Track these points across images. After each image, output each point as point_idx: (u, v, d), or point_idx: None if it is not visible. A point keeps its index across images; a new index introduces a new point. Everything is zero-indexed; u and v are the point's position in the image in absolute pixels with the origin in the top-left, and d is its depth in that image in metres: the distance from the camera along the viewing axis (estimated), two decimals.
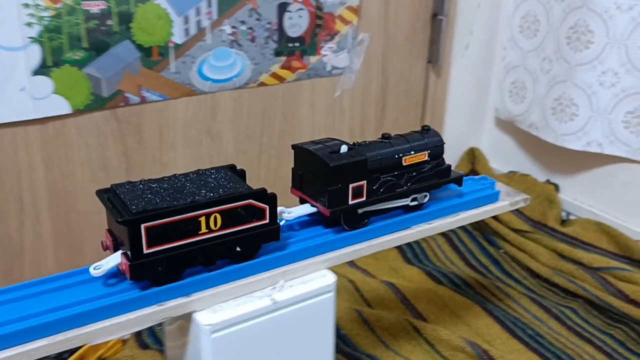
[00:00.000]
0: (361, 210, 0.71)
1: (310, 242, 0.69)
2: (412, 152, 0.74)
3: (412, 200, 0.75)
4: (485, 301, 1.09)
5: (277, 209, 0.64)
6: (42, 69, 0.91)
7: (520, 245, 1.24)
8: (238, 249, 0.62)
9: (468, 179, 0.86)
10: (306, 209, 0.71)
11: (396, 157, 0.72)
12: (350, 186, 0.68)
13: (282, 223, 0.66)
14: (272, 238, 0.64)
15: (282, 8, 1.10)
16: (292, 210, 0.70)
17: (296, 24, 1.13)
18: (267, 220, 0.63)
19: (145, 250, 0.57)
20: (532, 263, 1.19)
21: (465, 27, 1.42)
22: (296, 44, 1.14)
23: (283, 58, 1.14)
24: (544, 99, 1.33)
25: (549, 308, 1.07)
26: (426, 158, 0.75)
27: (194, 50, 1.04)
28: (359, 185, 0.69)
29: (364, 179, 0.69)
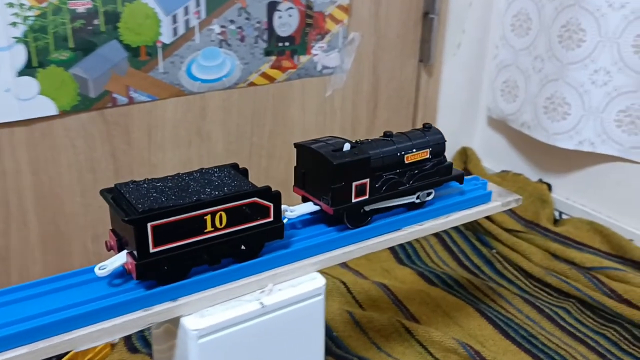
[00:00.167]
0: (368, 207, 0.71)
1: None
2: (414, 150, 0.74)
3: (417, 198, 0.75)
4: (478, 302, 1.09)
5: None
6: (28, 69, 0.89)
7: (513, 245, 1.24)
8: (243, 247, 0.62)
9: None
10: (309, 207, 0.71)
11: (398, 155, 0.73)
12: (354, 184, 0.68)
13: (284, 221, 0.66)
14: (276, 236, 0.64)
15: (272, 7, 1.09)
16: (295, 209, 0.70)
17: (286, 23, 1.12)
18: (271, 218, 0.63)
19: (152, 250, 0.56)
20: (525, 263, 1.19)
21: (457, 26, 1.41)
22: (286, 44, 1.13)
23: (273, 58, 1.13)
24: (536, 97, 1.32)
25: (541, 308, 1.06)
26: (428, 156, 0.75)
27: (183, 50, 1.03)
28: (362, 183, 0.69)
29: (366, 177, 0.69)
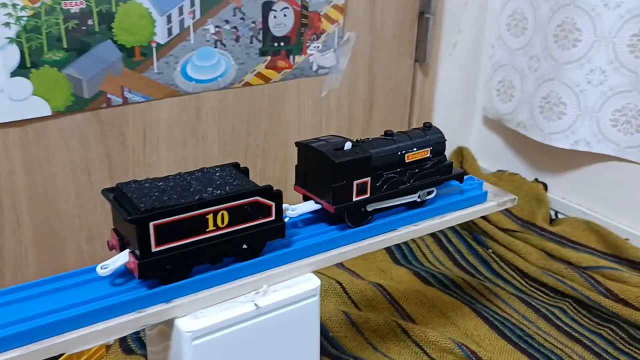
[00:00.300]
0: (370, 207, 0.71)
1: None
2: (415, 149, 0.74)
3: (418, 197, 0.76)
4: (474, 302, 1.09)
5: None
6: (21, 70, 0.89)
7: (509, 245, 1.23)
8: (244, 246, 0.62)
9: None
10: (310, 206, 0.71)
11: (399, 153, 0.73)
12: (355, 183, 0.68)
13: (286, 220, 0.66)
14: (277, 235, 0.65)
15: (267, 7, 1.09)
16: (296, 208, 0.70)
17: (281, 23, 1.11)
18: (273, 217, 0.63)
19: (154, 249, 0.57)
20: (521, 263, 1.19)
21: (453, 26, 1.41)
22: (281, 44, 1.13)
23: (268, 58, 1.12)
24: (532, 97, 1.32)
25: (537, 308, 1.06)
26: (428, 155, 0.76)
27: (177, 50, 1.02)
28: (363, 182, 0.69)
29: (368, 175, 0.69)
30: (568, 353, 0.96)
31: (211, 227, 0.59)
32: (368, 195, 0.70)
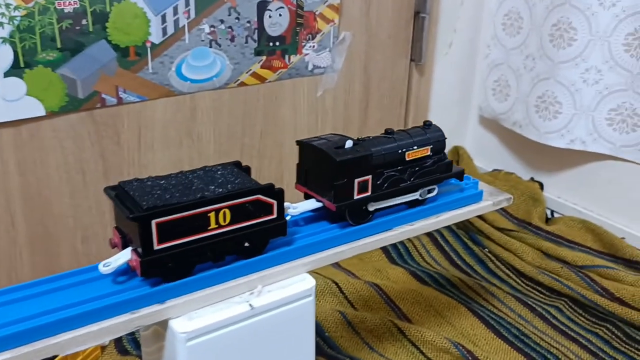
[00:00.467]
0: (372, 207, 0.71)
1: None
2: (415, 147, 0.75)
3: (419, 195, 0.76)
4: (470, 301, 1.09)
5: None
6: (14, 70, 0.88)
7: (505, 244, 1.23)
8: (246, 244, 0.63)
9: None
10: (311, 204, 0.71)
11: (399, 152, 0.73)
12: (356, 181, 0.69)
13: (287, 218, 0.66)
14: (279, 233, 0.65)
15: (262, 6, 1.08)
16: (298, 206, 0.70)
17: (276, 22, 1.11)
18: (274, 215, 0.63)
19: (156, 247, 0.57)
20: (517, 262, 1.19)
21: (449, 25, 1.41)
22: (277, 43, 1.13)
23: (263, 57, 1.12)
24: (528, 96, 1.32)
25: (534, 307, 1.06)
26: (429, 153, 0.76)
27: (172, 50, 1.02)
28: (364, 180, 0.69)
29: (368, 173, 0.70)
30: (564, 352, 0.96)
31: (213, 225, 0.60)
32: (369, 194, 0.71)
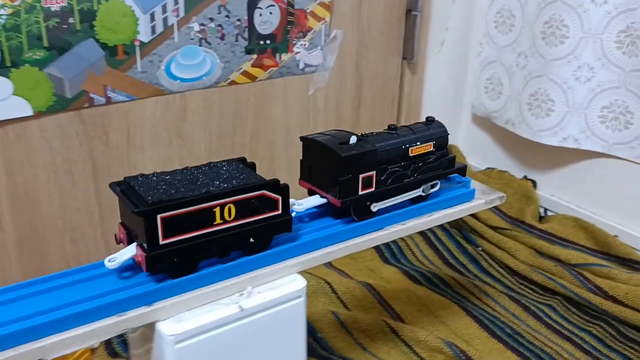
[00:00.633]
0: (375, 208, 0.72)
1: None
2: (418, 143, 0.75)
3: (422, 191, 0.76)
4: (464, 300, 1.08)
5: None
6: (1, 69, 0.87)
7: (499, 243, 1.23)
8: (252, 240, 0.63)
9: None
10: (316, 201, 0.71)
11: (403, 147, 0.73)
12: (360, 176, 0.69)
13: (292, 214, 0.66)
14: (284, 229, 0.65)
15: (252, 4, 1.07)
16: (303, 202, 0.70)
17: (267, 20, 1.10)
18: (279, 211, 0.63)
19: (162, 241, 0.57)
20: (511, 260, 1.18)
21: (441, 23, 1.40)
22: (267, 42, 1.12)
23: (254, 56, 1.11)
24: (520, 94, 1.32)
25: (527, 306, 1.06)
26: (432, 149, 0.76)
27: (161, 48, 1.01)
28: (368, 176, 0.70)
29: (373, 169, 0.70)
30: (558, 351, 0.95)
31: (218, 220, 0.60)
32: (373, 189, 0.71)
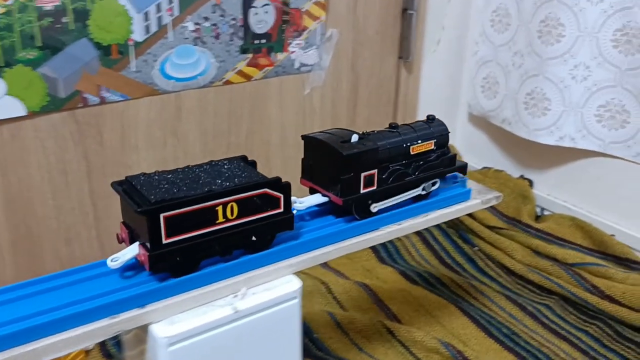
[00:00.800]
0: (375, 208, 0.71)
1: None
2: (420, 141, 0.75)
3: (422, 190, 0.77)
4: (460, 300, 1.08)
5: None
6: None
7: (495, 243, 1.23)
8: (254, 238, 0.63)
9: None
10: (317, 199, 0.71)
11: (404, 146, 0.74)
12: (362, 175, 0.69)
13: (294, 213, 0.66)
14: (286, 227, 0.65)
15: (247, 3, 1.07)
16: (304, 200, 0.70)
17: (262, 20, 1.10)
18: (281, 209, 0.63)
19: (164, 240, 0.57)
20: (507, 260, 1.18)
21: (436, 22, 1.40)
22: (263, 41, 1.11)
23: (249, 55, 1.11)
24: (517, 93, 1.31)
25: (524, 306, 1.05)
26: (433, 147, 0.77)
27: (156, 48, 1.00)
28: (370, 174, 0.70)
29: (374, 167, 0.70)
30: (555, 351, 0.95)
31: (221, 219, 0.60)
32: (375, 188, 0.71)
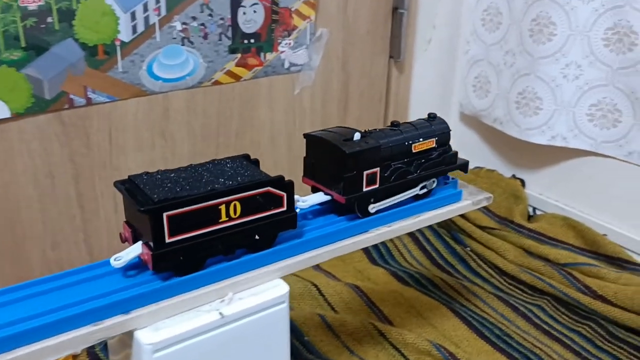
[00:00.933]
0: (374, 209, 0.71)
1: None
2: (421, 139, 0.75)
3: (421, 189, 0.76)
4: (452, 301, 1.07)
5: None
6: None
7: (487, 243, 1.22)
8: (257, 237, 0.62)
9: None
10: (320, 197, 0.71)
11: (406, 144, 0.74)
12: (365, 173, 0.69)
13: (297, 211, 0.66)
14: (289, 226, 0.65)
15: (236, 3, 1.05)
16: (307, 199, 0.70)
17: (251, 19, 1.08)
18: (284, 208, 0.63)
19: (168, 240, 0.56)
20: (499, 260, 1.17)
21: (427, 21, 1.39)
22: (252, 41, 1.10)
23: (238, 55, 1.09)
24: (508, 93, 1.31)
25: (516, 307, 1.05)
26: (434, 145, 0.77)
27: (143, 48, 0.99)
28: (372, 172, 0.70)
29: (377, 165, 0.70)
30: (547, 352, 0.94)
31: (224, 217, 0.59)
32: (377, 186, 0.71)
